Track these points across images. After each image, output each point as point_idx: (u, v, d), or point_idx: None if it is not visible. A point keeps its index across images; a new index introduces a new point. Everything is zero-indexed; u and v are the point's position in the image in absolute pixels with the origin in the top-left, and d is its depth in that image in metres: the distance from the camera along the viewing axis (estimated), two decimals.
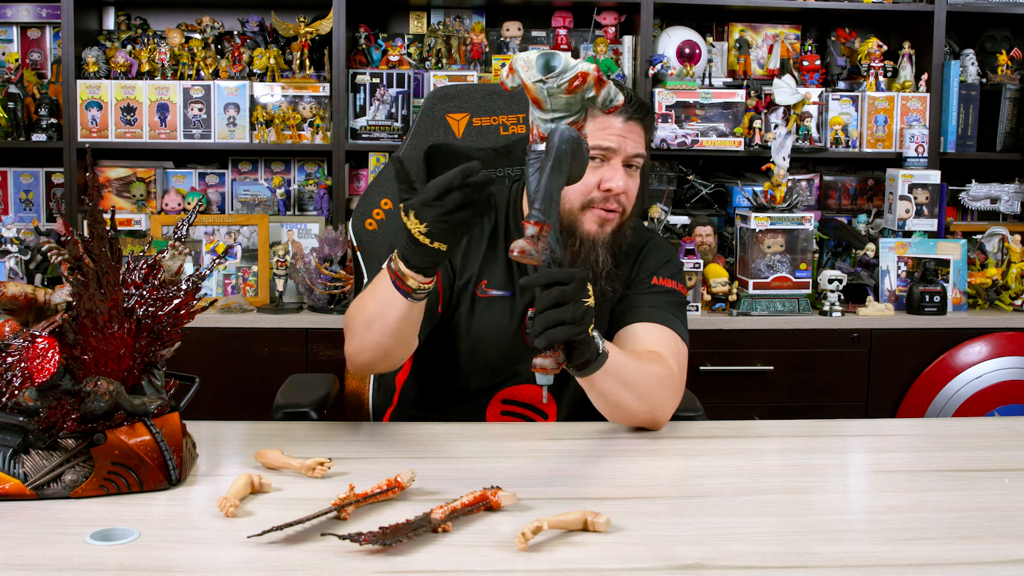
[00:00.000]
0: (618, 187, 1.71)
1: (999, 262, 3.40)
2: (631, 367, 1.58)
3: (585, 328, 1.40)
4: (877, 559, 1.16)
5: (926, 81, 3.47)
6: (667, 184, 3.53)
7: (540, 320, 1.37)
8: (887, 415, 3.17)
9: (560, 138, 1.31)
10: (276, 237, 3.33)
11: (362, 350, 1.61)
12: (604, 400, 1.59)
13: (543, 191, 1.31)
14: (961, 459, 1.56)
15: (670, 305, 1.78)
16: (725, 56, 3.62)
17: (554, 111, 1.34)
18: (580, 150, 1.35)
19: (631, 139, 1.72)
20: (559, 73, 1.30)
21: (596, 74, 1.32)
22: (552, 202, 1.31)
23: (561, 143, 1.31)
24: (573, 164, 1.35)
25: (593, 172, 1.70)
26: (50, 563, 1.12)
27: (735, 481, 1.44)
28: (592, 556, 1.16)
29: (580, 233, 1.72)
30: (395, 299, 1.48)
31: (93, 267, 1.30)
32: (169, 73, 3.35)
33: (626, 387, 1.58)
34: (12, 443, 1.30)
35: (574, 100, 1.33)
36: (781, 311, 3.16)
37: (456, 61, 3.49)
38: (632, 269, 1.83)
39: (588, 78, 1.31)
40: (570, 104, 1.33)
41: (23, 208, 3.46)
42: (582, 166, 1.37)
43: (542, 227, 1.30)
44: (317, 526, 1.21)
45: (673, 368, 1.68)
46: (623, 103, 1.38)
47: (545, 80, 1.31)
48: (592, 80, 1.31)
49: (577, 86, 1.31)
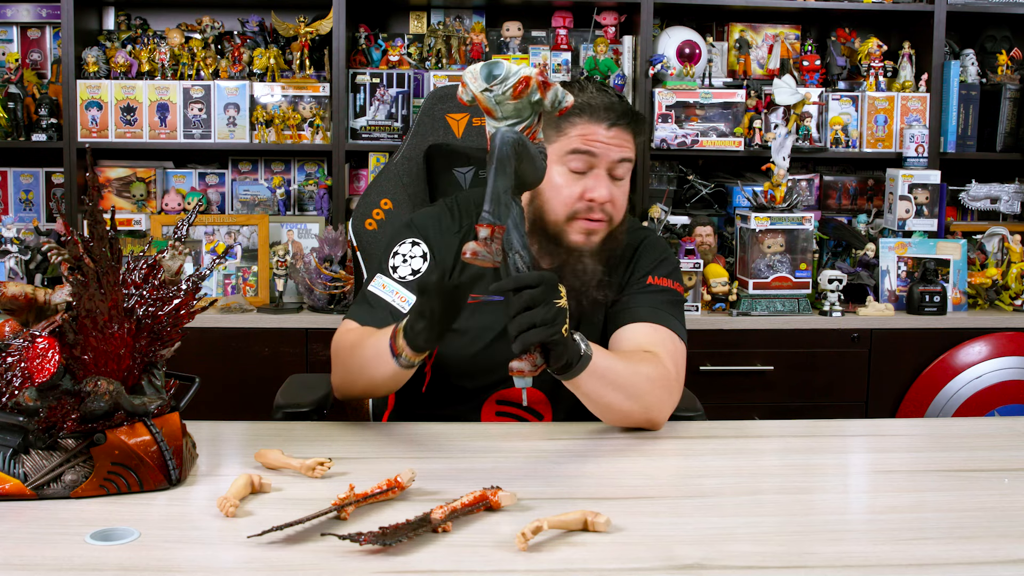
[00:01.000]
0: (601, 196, 1.70)
1: (999, 262, 3.40)
2: (619, 368, 1.58)
3: (558, 329, 1.41)
4: (877, 559, 1.16)
5: (926, 81, 3.47)
6: (667, 184, 3.53)
7: (513, 324, 1.39)
8: (887, 415, 3.17)
9: (501, 141, 1.34)
10: (276, 237, 3.33)
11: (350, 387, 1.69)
12: (593, 402, 1.60)
13: (490, 193, 1.35)
14: (961, 459, 1.56)
15: (666, 304, 1.78)
16: (725, 56, 3.62)
17: (505, 119, 1.37)
18: (526, 152, 1.36)
19: (616, 145, 1.71)
20: (502, 80, 1.33)
21: (539, 78, 1.34)
22: (500, 204, 1.34)
23: (502, 146, 1.33)
24: (523, 166, 1.37)
25: (577, 182, 1.70)
26: (50, 563, 1.12)
27: (735, 481, 1.44)
28: (592, 556, 1.16)
29: (566, 244, 1.72)
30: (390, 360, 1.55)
31: (93, 267, 1.30)
32: (169, 73, 3.35)
33: (615, 388, 1.57)
34: (12, 443, 1.30)
35: (522, 106, 1.35)
36: (781, 311, 3.16)
37: (456, 61, 3.49)
38: (627, 270, 1.82)
39: (531, 82, 1.34)
40: (519, 110, 1.36)
41: (23, 208, 3.46)
42: (534, 168, 1.39)
43: (493, 229, 1.33)
44: (317, 526, 1.21)
45: (668, 367, 1.68)
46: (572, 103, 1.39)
47: (491, 88, 1.34)
48: (535, 84, 1.34)
49: (521, 91, 1.33)
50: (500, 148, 1.33)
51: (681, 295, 1.83)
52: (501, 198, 1.34)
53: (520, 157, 1.35)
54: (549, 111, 1.38)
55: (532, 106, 1.36)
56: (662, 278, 1.81)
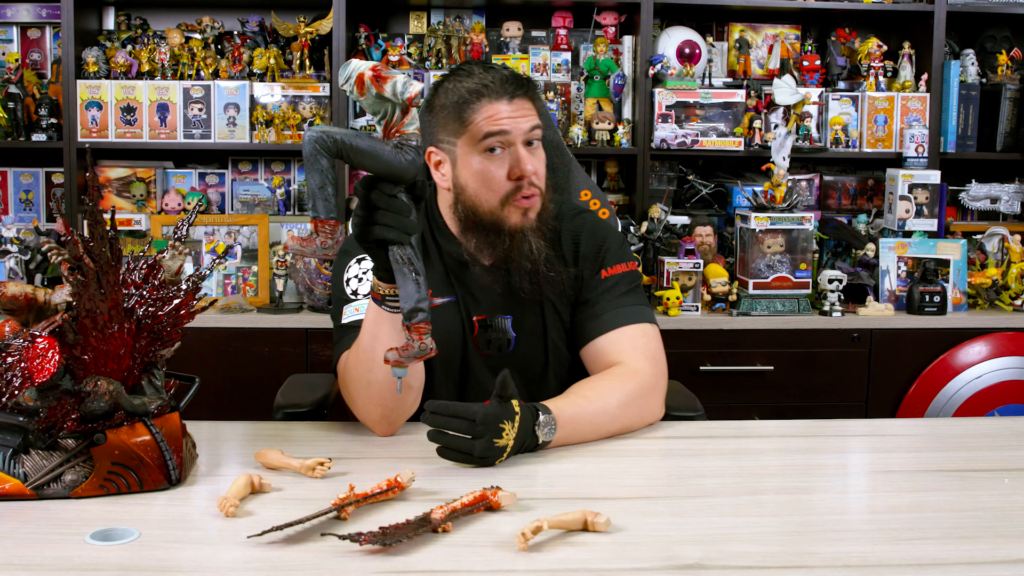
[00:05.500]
0: (528, 169, 1.69)
1: (999, 262, 3.40)
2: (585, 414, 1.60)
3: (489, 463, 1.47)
4: (877, 559, 1.16)
5: (926, 81, 3.47)
6: (667, 184, 3.53)
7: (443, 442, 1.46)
8: (887, 415, 3.17)
9: (304, 141, 1.36)
10: (276, 237, 3.33)
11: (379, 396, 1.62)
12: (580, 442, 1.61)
13: (308, 191, 1.40)
14: (961, 459, 1.56)
15: (626, 295, 1.79)
16: (725, 56, 3.62)
17: (372, 113, 1.41)
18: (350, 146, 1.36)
19: (521, 116, 1.70)
20: (347, 80, 1.39)
21: (371, 72, 1.37)
22: (317, 199, 1.37)
23: (304, 145, 1.36)
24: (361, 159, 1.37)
25: (499, 164, 1.69)
26: (50, 563, 1.12)
27: (735, 481, 1.44)
28: (592, 556, 1.16)
29: (507, 228, 1.71)
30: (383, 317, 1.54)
31: (93, 267, 1.30)
32: (169, 73, 3.35)
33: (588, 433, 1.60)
34: (12, 443, 1.30)
35: (371, 100, 1.39)
36: (781, 311, 3.16)
37: (456, 61, 3.49)
38: (576, 262, 1.81)
39: (364, 78, 1.37)
40: (373, 105, 1.40)
41: (23, 208, 3.46)
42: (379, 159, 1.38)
43: (316, 224, 1.38)
44: (317, 526, 1.21)
45: (640, 368, 1.70)
46: (418, 92, 1.39)
47: (343, 89, 1.40)
48: (368, 80, 1.37)
49: (361, 88, 1.38)
50: (303, 148, 1.36)
51: (634, 271, 1.83)
52: (316, 194, 1.37)
53: (340, 153, 1.36)
54: (399, 103, 1.38)
55: (381, 100, 1.39)
56: (614, 266, 1.81)
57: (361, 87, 1.37)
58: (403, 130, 1.39)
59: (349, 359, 1.66)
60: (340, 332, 1.75)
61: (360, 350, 1.60)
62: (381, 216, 1.40)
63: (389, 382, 1.55)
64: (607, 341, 1.75)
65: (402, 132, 1.39)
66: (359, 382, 1.62)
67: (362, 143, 1.36)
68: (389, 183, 1.40)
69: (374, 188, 1.40)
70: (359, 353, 1.61)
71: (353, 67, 1.39)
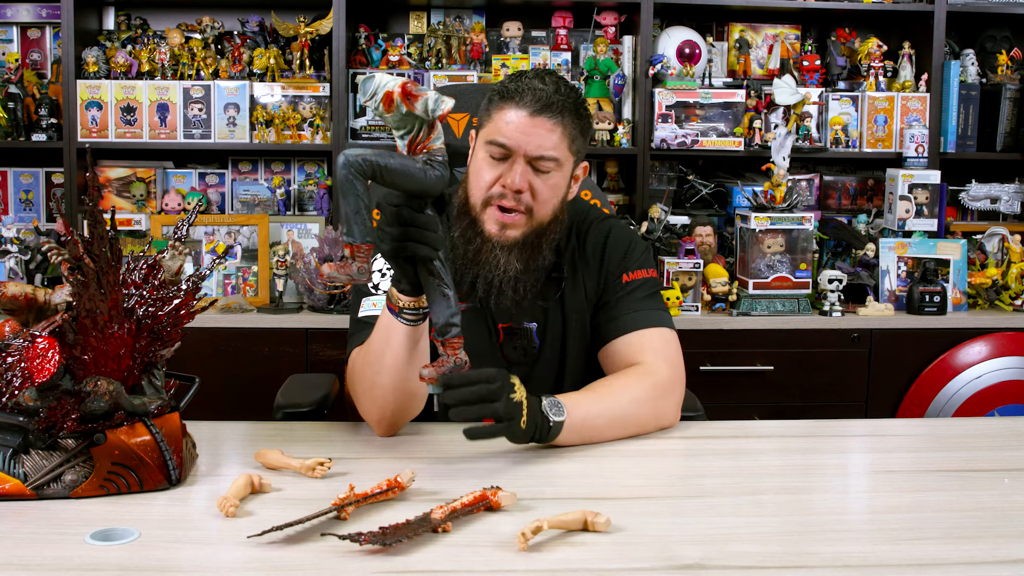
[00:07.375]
0: (512, 183, 1.66)
1: (999, 262, 3.40)
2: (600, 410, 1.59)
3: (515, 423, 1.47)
4: (877, 559, 1.16)
5: (926, 81, 3.47)
6: (667, 184, 3.53)
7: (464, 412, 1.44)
8: (887, 415, 3.17)
9: (338, 166, 1.32)
10: (276, 237, 3.33)
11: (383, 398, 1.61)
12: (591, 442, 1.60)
13: (343, 216, 1.33)
14: (961, 459, 1.56)
15: (645, 300, 1.79)
16: (725, 56, 3.62)
17: (395, 128, 1.37)
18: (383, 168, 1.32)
19: (535, 136, 1.65)
20: (371, 96, 1.34)
21: (400, 90, 1.33)
22: (353, 223, 1.33)
23: (339, 170, 1.31)
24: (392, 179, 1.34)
25: (492, 167, 1.68)
26: (50, 563, 1.12)
27: (735, 481, 1.44)
28: (592, 556, 1.16)
29: (482, 231, 1.70)
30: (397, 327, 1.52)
31: (93, 267, 1.30)
32: (169, 73, 3.35)
33: (601, 431, 1.60)
34: (12, 443, 1.30)
35: (398, 117, 1.35)
36: (781, 311, 3.16)
37: (456, 61, 3.49)
38: (601, 265, 1.83)
39: (393, 96, 1.33)
40: (399, 122, 1.36)
41: (23, 208, 3.46)
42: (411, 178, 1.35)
43: (352, 249, 1.33)
44: (317, 526, 1.21)
45: (659, 370, 1.70)
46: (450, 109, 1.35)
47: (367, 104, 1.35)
48: (398, 97, 1.33)
49: (389, 105, 1.33)
50: (337, 173, 1.32)
51: (655, 278, 1.84)
52: (351, 219, 1.33)
53: (374, 175, 1.32)
54: (428, 118, 1.35)
55: (409, 117, 1.35)
56: (636, 271, 1.82)
57: (389, 104, 1.33)
58: (430, 146, 1.37)
59: (359, 358, 1.66)
60: (356, 326, 1.75)
61: (370, 351, 1.61)
62: (413, 233, 1.39)
63: (394, 388, 1.56)
64: (625, 343, 1.75)
65: (429, 148, 1.37)
66: (365, 382, 1.62)
67: (394, 163, 1.34)
68: (418, 199, 1.39)
69: (404, 204, 1.39)
70: (368, 354, 1.61)
71: (378, 82, 1.34)
